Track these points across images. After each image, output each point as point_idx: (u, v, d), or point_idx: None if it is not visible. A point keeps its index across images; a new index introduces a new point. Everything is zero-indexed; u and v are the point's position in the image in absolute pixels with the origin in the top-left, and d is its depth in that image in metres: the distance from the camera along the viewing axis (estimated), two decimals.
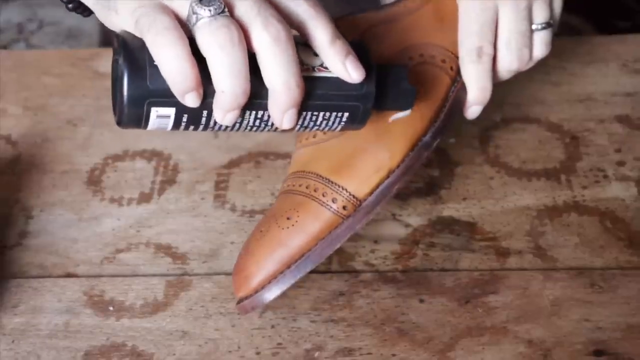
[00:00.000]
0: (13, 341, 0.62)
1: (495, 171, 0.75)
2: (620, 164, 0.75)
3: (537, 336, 0.61)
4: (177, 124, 0.53)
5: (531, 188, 0.73)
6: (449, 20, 0.66)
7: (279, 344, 0.61)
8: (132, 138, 0.80)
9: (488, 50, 0.64)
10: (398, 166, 0.62)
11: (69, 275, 0.67)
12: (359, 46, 0.56)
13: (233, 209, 0.73)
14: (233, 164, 0.77)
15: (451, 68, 0.65)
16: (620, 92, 0.83)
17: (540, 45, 0.66)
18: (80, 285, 0.66)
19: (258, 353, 0.61)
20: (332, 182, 0.61)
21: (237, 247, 0.69)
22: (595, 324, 0.62)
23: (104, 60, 0.91)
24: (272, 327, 0.62)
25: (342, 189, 0.61)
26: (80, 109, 0.84)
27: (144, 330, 0.63)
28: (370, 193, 0.61)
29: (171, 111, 0.52)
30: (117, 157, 0.78)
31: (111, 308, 0.64)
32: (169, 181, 0.76)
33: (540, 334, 0.61)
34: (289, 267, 0.60)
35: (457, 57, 0.65)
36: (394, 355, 0.60)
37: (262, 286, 0.60)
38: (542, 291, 0.64)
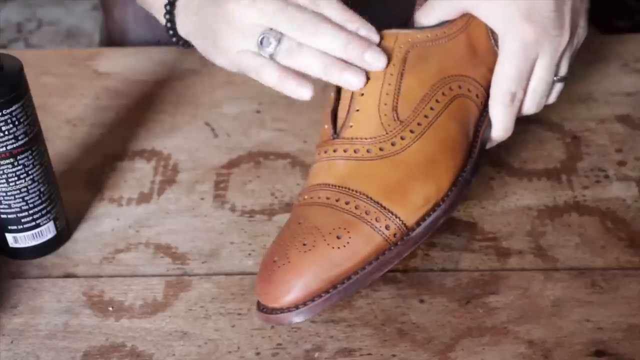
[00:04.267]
0: (12, 341, 0.62)
1: (496, 171, 0.75)
2: (621, 164, 0.75)
3: (537, 336, 0.61)
4: None
5: (532, 188, 0.73)
6: (480, 52, 0.67)
7: (279, 344, 0.61)
8: (132, 138, 0.80)
9: (520, 95, 0.66)
10: (443, 200, 0.62)
11: (68, 276, 0.67)
12: None
13: (233, 209, 0.72)
14: (233, 164, 0.77)
15: (481, 103, 0.66)
16: (621, 92, 0.83)
17: (554, 95, 0.70)
18: (79, 285, 0.66)
19: (258, 353, 0.61)
20: (384, 208, 0.60)
21: (237, 247, 0.69)
22: (596, 325, 0.62)
23: (103, 60, 0.90)
24: (272, 327, 0.62)
25: (395, 216, 0.60)
26: (79, 109, 0.84)
27: (144, 330, 0.62)
28: (418, 223, 0.61)
29: None
30: (117, 157, 0.78)
31: (110, 308, 0.64)
32: (169, 181, 0.75)
33: (541, 334, 0.61)
34: (335, 287, 0.59)
35: (486, 92, 0.66)
36: (394, 355, 0.60)
37: (304, 302, 0.59)
38: (543, 291, 0.64)
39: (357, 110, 0.63)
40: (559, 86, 0.70)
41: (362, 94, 0.63)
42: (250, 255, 0.68)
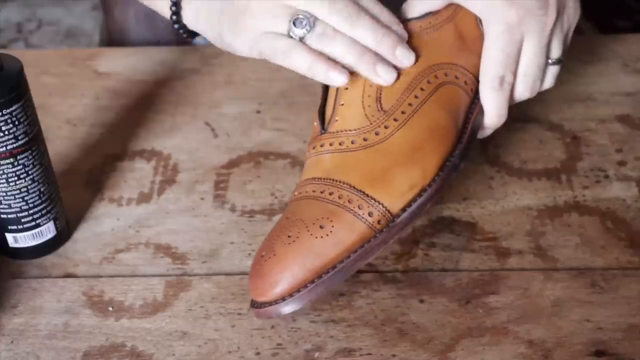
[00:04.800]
0: (12, 341, 0.62)
1: (496, 171, 0.75)
2: (621, 163, 0.75)
3: (537, 336, 0.61)
4: None
5: (532, 188, 0.73)
6: (469, 40, 0.67)
7: (279, 344, 0.61)
8: (132, 138, 0.80)
9: (509, 79, 0.66)
10: (430, 185, 0.62)
11: (68, 276, 0.67)
12: None
13: (233, 209, 0.72)
14: (233, 164, 0.77)
15: (471, 90, 0.66)
16: (620, 92, 0.83)
17: (550, 79, 0.69)
18: (79, 285, 0.66)
19: (258, 353, 0.61)
20: (367, 195, 0.60)
21: (237, 247, 0.69)
22: (596, 325, 0.62)
23: (103, 60, 0.90)
24: (272, 327, 0.62)
25: (378, 203, 0.60)
26: (79, 109, 0.84)
27: (144, 330, 0.62)
28: (403, 209, 0.61)
29: None
30: (117, 157, 0.78)
31: (110, 308, 0.64)
32: (169, 181, 0.75)
33: (541, 334, 0.61)
34: (320, 277, 0.59)
35: (476, 79, 0.66)
36: (394, 355, 0.60)
37: (290, 294, 0.59)
38: (543, 291, 0.64)
39: (342, 104, 0.64)
40: (553, 69, 0.69)
41: (347, 88, 0.64)
42: (250, 255, 0.68)
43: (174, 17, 0.66)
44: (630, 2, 1.25)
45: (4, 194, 0.64)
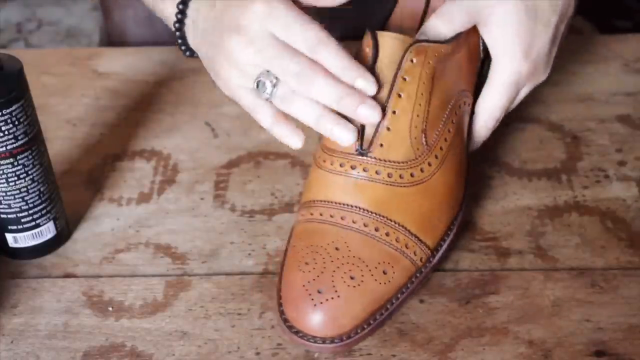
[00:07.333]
0: (12, 341, 0.62)
1: (496, 171, 0.75)
2: (621, 164, 0.75)
3: (537, 336, 0.61)
4: None
5: (532, 188, 0.73)
6: (474, 62, 0.68)
7: (279, 344, 0.61)
8: (132, 138, 0.80)
9: (501, 117, 0.69)
10: (453, 223, 0.64)
11: (68, 276, 0.67)
12: None
13: (233, 209, 0.72)
14: (232, 164, 0.77)
15: (471, 112, 0.68)
16: (621, 92, 0.83)
17: None
18: (79, 285, 0.66)
19: (258, 353, 0.60)
20: (420, 240, 0.62)
21: (237, 247, 0.69)
22: (596, 325, 0.62)
23: (103, 60, 0.90)
24: (272, 327, 0.62)
25: (427, 247, 0.62)
26: (79, 109, 0.84)
27: (144, 330, 0.62)
28: (439, 245, 0.64)
29: None
30: (117, 157, 0.78)
31: (110, 308, 0.64)
32: (169, 181, 0.75)
33: (541, 334, 0.61)
34: (375, 318, 0.60)
35: (473, 97, 0.68)
36: (394, 355, 0.60)
37: (348, 335, 0.59)
38: (543, 291, 0.64)
39: (388, 129, 0.61)
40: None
41: (395, 112, 0.61)
42: (250, 255, 0.68)
43: (183, 47, 0.69)
44: (630, 2, 1.25)
45: (4, 194, 0.64)
